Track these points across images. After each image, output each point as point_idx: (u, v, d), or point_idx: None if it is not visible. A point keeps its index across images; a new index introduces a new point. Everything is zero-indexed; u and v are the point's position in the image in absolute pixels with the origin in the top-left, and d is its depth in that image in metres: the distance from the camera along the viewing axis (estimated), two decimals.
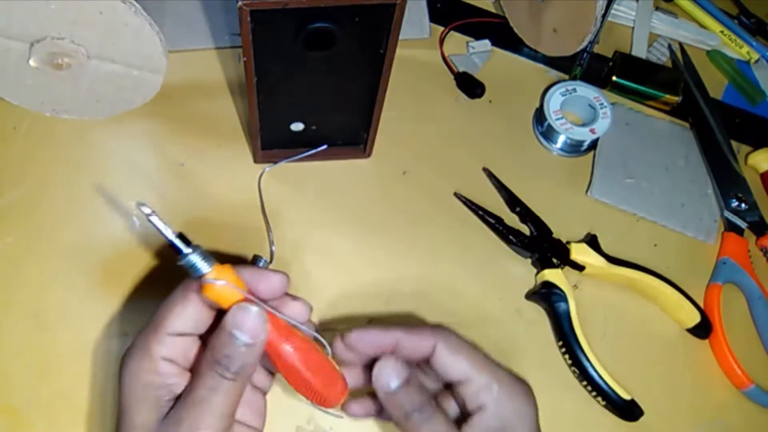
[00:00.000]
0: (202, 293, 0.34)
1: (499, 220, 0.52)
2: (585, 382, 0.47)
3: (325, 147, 0.51)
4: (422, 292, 0.50)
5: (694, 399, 0.50)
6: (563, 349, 0.48)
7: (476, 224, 0.53)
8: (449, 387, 0.38)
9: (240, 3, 0.37)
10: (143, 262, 0.48)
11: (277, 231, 0.50)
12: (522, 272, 0.52)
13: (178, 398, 0.34)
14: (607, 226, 0.55)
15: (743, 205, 0.56)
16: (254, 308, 0.33)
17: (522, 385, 0.37)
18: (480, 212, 0.52)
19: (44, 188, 0.50)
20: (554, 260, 0.51)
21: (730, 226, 0.56)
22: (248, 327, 0.33)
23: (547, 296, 0.49)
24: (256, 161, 0.53)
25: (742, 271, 0.53)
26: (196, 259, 0.33)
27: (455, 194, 0.53)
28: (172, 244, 0.34)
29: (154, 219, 0.34)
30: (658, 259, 0.54)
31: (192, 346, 0.36)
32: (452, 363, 0.36)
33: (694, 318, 0.50)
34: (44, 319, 0.46)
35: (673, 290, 0.51)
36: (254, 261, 0.47)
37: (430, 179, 0.55)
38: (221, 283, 0.33)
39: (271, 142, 0.51)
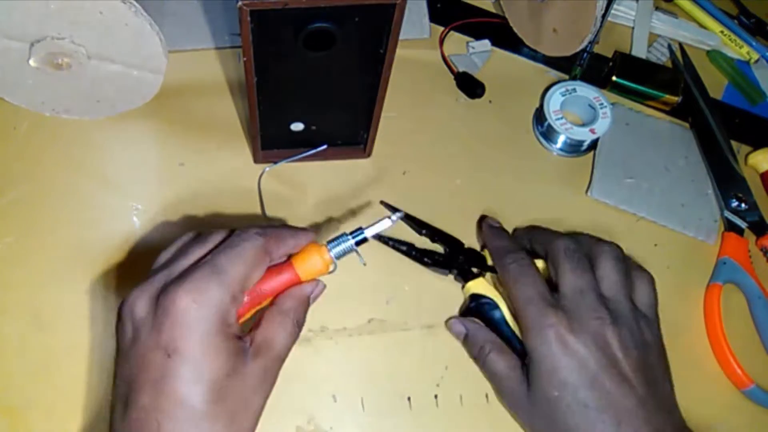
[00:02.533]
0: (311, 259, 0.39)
1: (410, 246, 0.50)
2: None
3: (325, 147, 0.51)
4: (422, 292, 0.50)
5: (694, 399, 0.49)
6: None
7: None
8: None
9: (240, 3, 0.37)
10: (143, 262, 0.48)
11: None
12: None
13: (237, 339, 0.36)
14: (607, 226, 0.55)
15: (743, 205, 0.56)
16: (321, 285, 0.41)
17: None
18: (390, 243, 0.50)
19: (44, 188, 0.50)
20: (474, 270, 0.50)
21: (730, 226, 0.56)
22: (317, 298, 0.41)
23: (477, 308, 0.47)
24: (256, 161, 0.53)
25: (742, 271, 0.53)
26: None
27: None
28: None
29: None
30: (658, 259, 0.54)
31: None
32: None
33: None
34: (43, 319, 0.46)
35: None
36: None
37: (430, 179, 0.55)
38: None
39: (271, 142, 0.51)
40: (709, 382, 0.50)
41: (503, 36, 0.63)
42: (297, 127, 0.50)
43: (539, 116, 0.59)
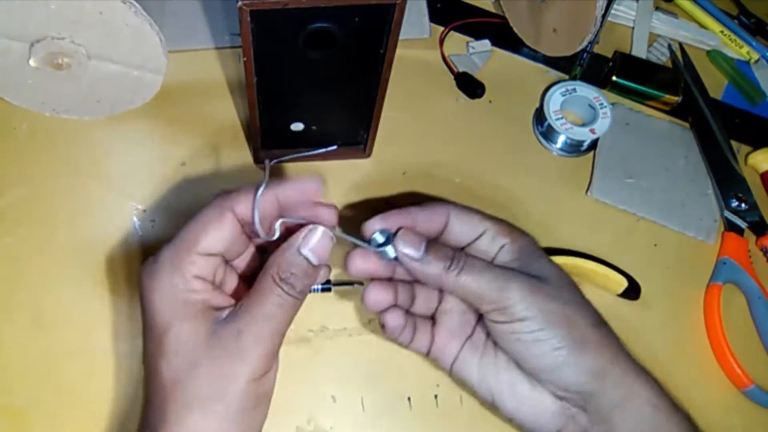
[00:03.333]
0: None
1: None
2: None
3: (335, 147, 0.49)
4: None
5: (694, 399, 0.49)
6: None
7: None
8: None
9: (240, 3, 0.37)
10: (143, 261, 0.48)
11: None
12: None
13: (218, 310, 0.34)
14: (607, 226, 0.55)
15: (743, 205, 0.56)
16: (322, 229, 0.35)
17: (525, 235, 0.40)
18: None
19: (44, 188, 0.50)
20: None
21: (730, 226, 0.56)
22: (317, 248, 0.35)
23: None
24: (256, 161, 0.53)
25: (742, 271, 0.53)
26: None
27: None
28: None
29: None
30: (658, 259, 0.54)
31: (219, 267, 0.36)
32: (466, 222, 0.39)
33: (622, 284, 0.51)
34: (44, 319, 0.46)
35: (594, 263, 0.51)
36: None
37: (430, 179, 0.55)
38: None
39: (271, 142, 0.51)
40: (709, 382, 0.50)
41: (503, 36, 0.63)
42: (297, 127, 0.50)
43: (539, 116, 0.59)
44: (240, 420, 0.33)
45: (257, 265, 0.39)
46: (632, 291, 0.51)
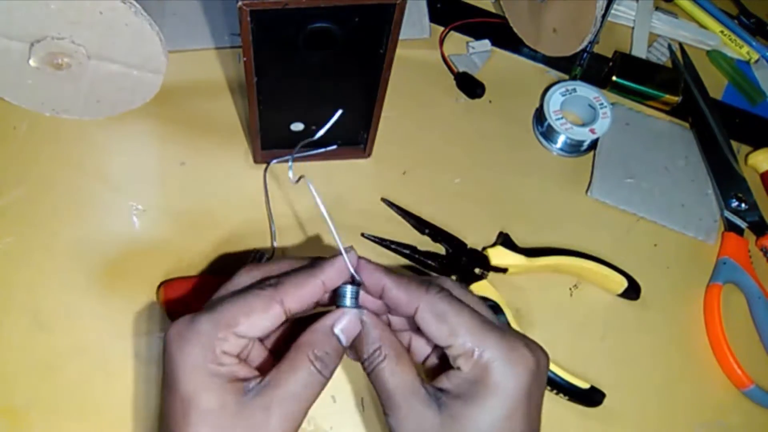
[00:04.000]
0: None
1: (412, 249, 0.50)
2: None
3: (335, 147, 0.49)
4: None
5: (694, 399, 0.50)
6: None
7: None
8: None
9: (240, 3, 0.37)
10: (143, 262, 0.48)
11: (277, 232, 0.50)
12: None
13: (244, 381, 0.34)
14: (607, 226, 0.55)
15: (743, 205, 0.56)
16: (355, 311, 0.35)
17: (520, 350, 0.34)
18: (393, 246, 0.50)
19: (44, 188, 0.50)
20: (477, 271, 0.49)
21: (730, 226, 0.56)
22: (348, 329, 0.35)
23: None
24: (256, 161, 0.53)
25: (742, 271, 0.53)
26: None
27: (363, 234, 0.49)
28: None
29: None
30: (658, 259, 0.54)
31: (250, 344, 0.35)
32: (433, 330, 0.34)
33: (623, 284, 0.51)
34: (44, 319, 0.46)
35: (595, 263, 0.51)
36: (256, 256, 0.48)
37: (430, 179, 0.55)
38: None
39: (271, 142, 0.51)
40: (709, 382, 0.50)
41: (503, 36, 0.63)
42: (297, 127, 0.50)
43: (539, 116, 0.59)
44: None
45: (284, 337, 0.39)
46: (632, 291, 0.51)
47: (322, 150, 0.49)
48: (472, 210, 0.54)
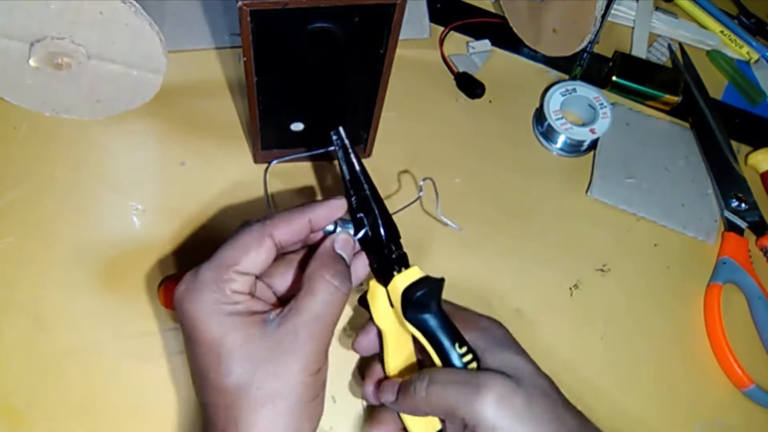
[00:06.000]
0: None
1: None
2: None
3: (335, 147, 0.47)
4: None
5: (694, 398, 0.50)
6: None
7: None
8: None
9: (240, 3, 0.37)
10: (143, 261, 0.48)
11: None
12: None
13: (262, 314, 0.36)
14: (607, 226, 0.55)
15: (743, 205, 0.56)
16: (342, 231, 0.39)
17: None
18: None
19: (44, 188, 0.50)
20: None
21: (730, 226, 0.56)
22: (345, 247, 0.39)
23: (419, 303, 0.38)
24: (256, 161, 0.53)
25: (742, 271, 0.53)
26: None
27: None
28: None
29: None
30: (658, 259, 0.54)
31: (254, 282, 0.37)
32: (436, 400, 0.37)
33: None
34: (44, 319, 0.46)
35: None
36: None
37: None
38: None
39: (271, 142, 0.51)
40: (709, 382, 0.50)
41: (503, 36, 0.63)
42: (297, 127, 0.50)
43: (539, 116, 0.59)
44: (304, 411, 0.35)
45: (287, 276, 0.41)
46: None
47: (322, 150, 0.49)
48: (472, 209, 0.54)
